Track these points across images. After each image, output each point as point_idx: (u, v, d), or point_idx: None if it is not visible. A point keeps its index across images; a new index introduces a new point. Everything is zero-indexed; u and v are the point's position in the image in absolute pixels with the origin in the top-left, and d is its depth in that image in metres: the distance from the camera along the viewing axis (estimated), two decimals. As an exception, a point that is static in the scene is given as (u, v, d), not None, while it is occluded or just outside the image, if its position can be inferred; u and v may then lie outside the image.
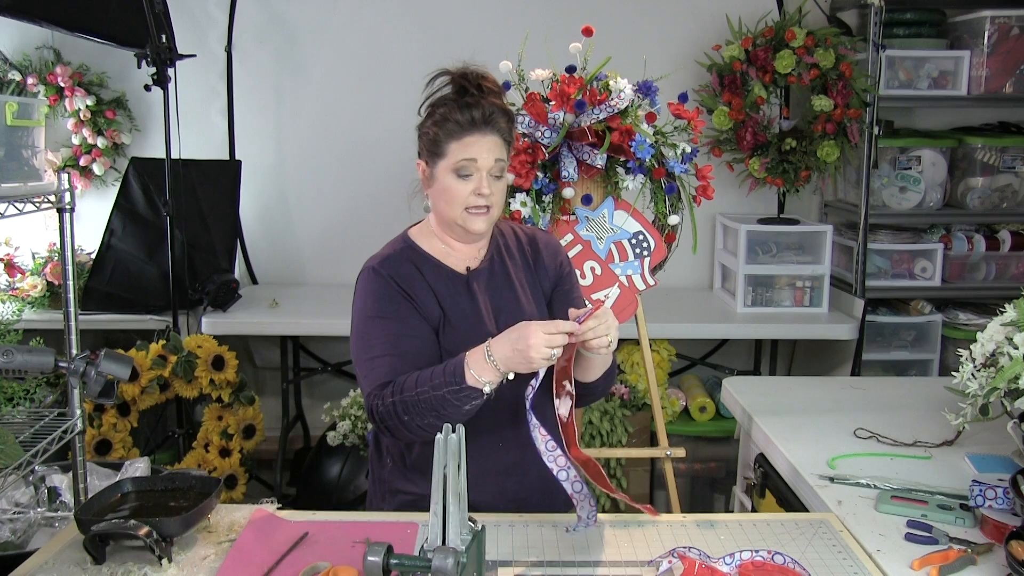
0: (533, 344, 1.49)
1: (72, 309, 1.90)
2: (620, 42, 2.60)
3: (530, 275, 1.83)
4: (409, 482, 1.76)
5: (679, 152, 2.37)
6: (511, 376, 1.56)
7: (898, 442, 2.02)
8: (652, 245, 2.44)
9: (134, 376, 2.92)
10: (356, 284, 1.74)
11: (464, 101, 1.67)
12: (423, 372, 1.60)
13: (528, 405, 1.55)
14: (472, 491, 1.47)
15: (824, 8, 3.55)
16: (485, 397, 1.57)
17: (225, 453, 3.11)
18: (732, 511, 2.49)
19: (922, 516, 1.64)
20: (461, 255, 1.77)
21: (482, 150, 1.66)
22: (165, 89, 3.10)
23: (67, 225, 1.88)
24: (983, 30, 3.37)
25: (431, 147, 1.72)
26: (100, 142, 3.65)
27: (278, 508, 1.71)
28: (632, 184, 2.39)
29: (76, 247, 2.07)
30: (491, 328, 1.71)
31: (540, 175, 2.34)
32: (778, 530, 1.62)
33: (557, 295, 1.85)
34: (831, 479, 1.82)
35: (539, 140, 2.29)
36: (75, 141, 3.67)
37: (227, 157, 3.79)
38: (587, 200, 2.41)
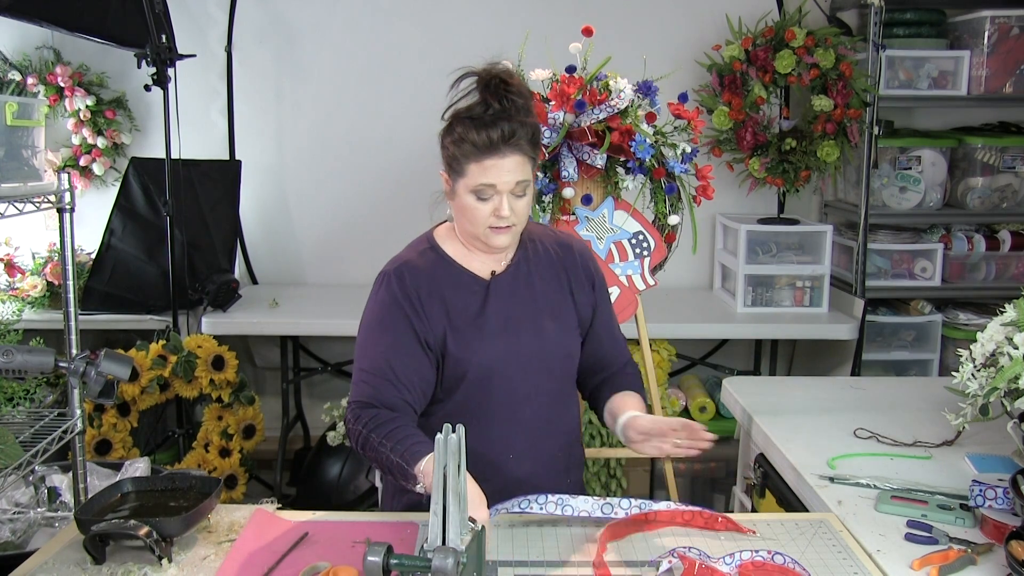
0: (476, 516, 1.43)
1: (72, 309, 1.90)
2: (620, 42, 2.60)
3: (558, 284, 1.77)
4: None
5: (679, 152, 2.37)
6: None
7: (898, 442, 2.02)
8: (652, 245, 2.44)
9: (134, 376, 2.92)
10: (374, 283, 1.73)
11: (484, 119, 1.58)
12: (399, 428, 1.57)
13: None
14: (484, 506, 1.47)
15: (824, 8, 3.55)
16: (420, 491, 1.53)
17: (225, 453, 3.11)
18: (732, 511, 2.49)
19: (922, 516, 1.64)
20: (486, 259, 1.74)
21: (501, 173, 1.58)
22: (165, 89, 3.10)
23: (67, 225, 1.88)
24: (983, 30, 3.37)
25: (452, 164, 1.63)
26: (100, 142, 3.65)
27: (278, 508, 1.71)
28: (632, 184, 2.39)
29: (76, 247, 2.07)
30: (501, 337, 1.69)
31: (540, 175, 2.34)
32: (778, 530, 1.62)
33: (597, 313, 1.82)
34: (831, 479, 1.82)
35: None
36: (75, 141, 3.67)
37: (227, 157, 3.79)
38: (587, 200, 2.41)
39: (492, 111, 1.58)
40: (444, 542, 1.27)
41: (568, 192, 2.37)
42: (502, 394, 1.68)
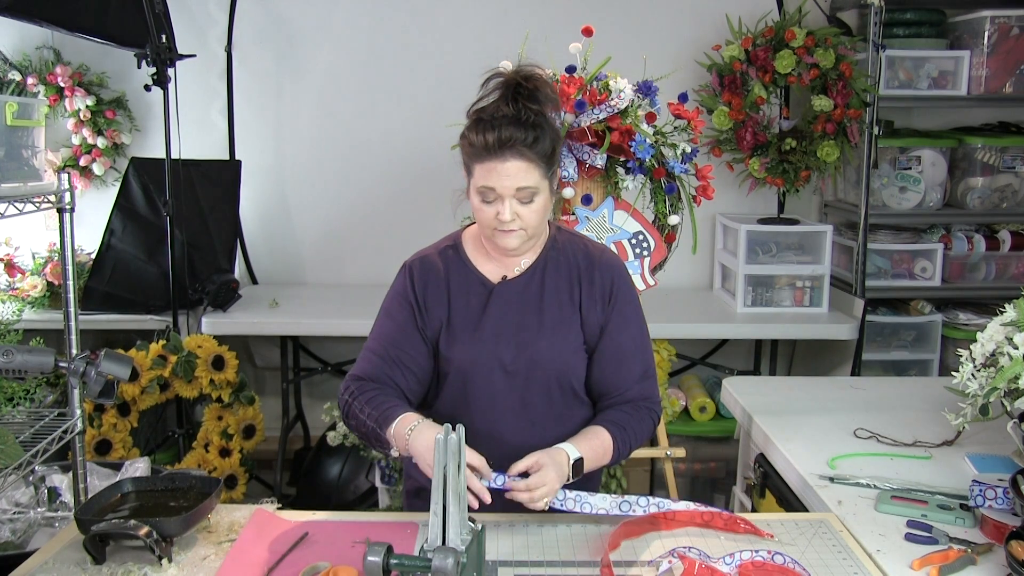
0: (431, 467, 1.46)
1: (72, 309, 1.90)
2: (620, 42, 2.60)
3: (568, 298, 1.71)
4: (418, 470, 1.77)
5: (679, 152, 2.37)
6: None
7: (898, 442, 2.02)
8: (652, 245, 2.44)
9: (134, 376, 2.92)
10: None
11: (489, 121, 1.56)
12: (377, 395, 1.64)
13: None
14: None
15: (824, 8, 3.55)
16: (394, 456, 1.62)
17: (225, 453, 3.11)
18: (732, 511, 2.49)
19: (922, 516, 1.64)
20: (502, 263, 1.73)
21: (501, 177, 1.56)
22: (165, 89, 3.10)
23: (67, 225, 1.88)
24: (983, 30, 3.37)
25: (464, 163, 1.64)
26: (100, 142, 3.65)
27: (278, 508, 1.71)
28: (632, 184, 2.39)
29: (76, 247, 2.07)
30: (490, 344, 1.68)
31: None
32: (778, 530, 1.62)
33: (605, 333, 1.73)
34: (831, 479, 1.82)
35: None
36: (75, 141, 3.67)
37: (227, 157, 3.79)
38: (587, 200, 2.41)
39: (501, 114, 1.57)
40: (444, 542, 1.27)
41: (568, 192, 2.37)
42: (481, 401, 1.69)
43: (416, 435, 1.53)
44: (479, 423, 1.67)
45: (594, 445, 1.64)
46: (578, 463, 1.60)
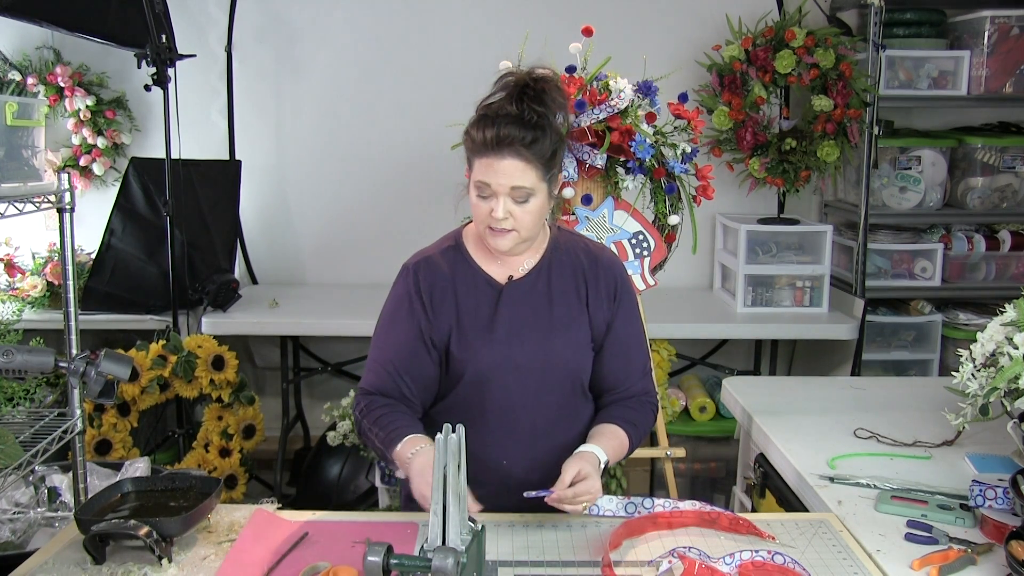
0: (424, 496, 1.49)
1: (72, 309, 1.90)
2: (620, 42, 2.60)
3: (576, 296, 1.73)
4: None
5: (679, 152, 2.37)
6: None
7: (898, 442, 2.02)
8: (652, 245, 2.44)
9: (134, 376, 2.92)
10: (398, 273, 1.76)
11: (492, 118, 1.57)
12: (385, 415, 1.64)
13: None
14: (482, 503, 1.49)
15: (824, 8, 3.55)
16: (401, 477, 1.63)
17: (225, 453, 3.11)
18: (732, 511, 2.48)
19: (922, 516, 1.64)
20: (506, 263, 1.72)
21: (498, 174, 1.57)
22: (165, 89, 3.10)
23: (67, 225, 1.88)
24: (983, 30, 3.37)
25: (466, 157, 1.64)
26: (100, 142, 3.65)
27: (278, 508, 1.71)
28: (632, 184, 2.39)
29: (76, 247, 2.07)
30: (504, 344, 1.68)
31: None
32: (778, 530, 1.62)
33: (611, 330, 1.75)
34: (831, 479, 1.82)
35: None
36: (75, 141, 3.67)
37: (227, 157, 3.79)
38: (587, 200, 2.41)
39: (504, 112, 1.57)
40: (444, 542, 1.27)
41: (568, 192, 2.37)
42: (498, 400, 1.68)
43: (416, 458, 1.54)
44: (493, 424, 1.68)
45: (614, 445, 1.68)
46: (604, 464, 1.63)
